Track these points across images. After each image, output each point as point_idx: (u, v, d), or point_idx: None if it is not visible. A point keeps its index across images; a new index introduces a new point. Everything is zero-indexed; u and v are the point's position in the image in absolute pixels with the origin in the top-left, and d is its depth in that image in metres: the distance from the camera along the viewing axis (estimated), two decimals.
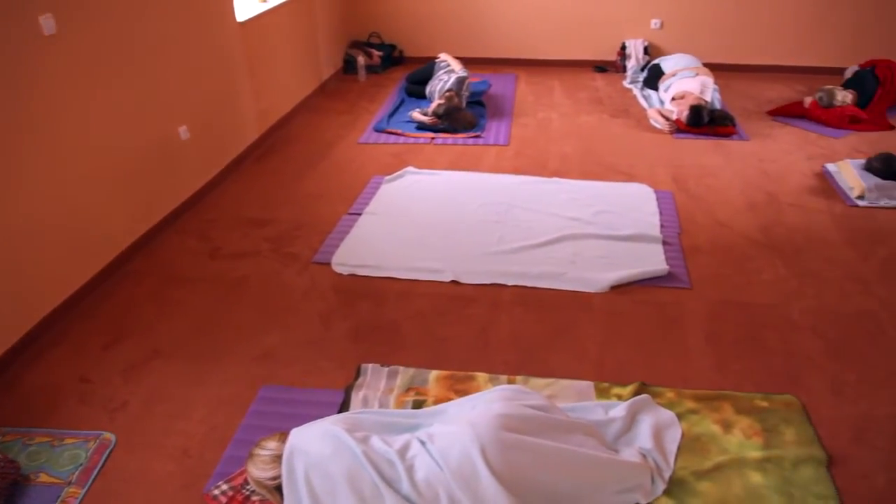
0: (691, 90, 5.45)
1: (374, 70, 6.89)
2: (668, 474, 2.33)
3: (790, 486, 2.31)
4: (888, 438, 2.51)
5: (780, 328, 3.08)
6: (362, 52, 6.84)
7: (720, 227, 3.92)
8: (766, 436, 2.51)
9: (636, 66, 6.62)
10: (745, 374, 2.81)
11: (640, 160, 4.77)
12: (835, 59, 6.57)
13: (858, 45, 6.47)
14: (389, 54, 7.07)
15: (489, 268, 3.49)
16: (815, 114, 5.49)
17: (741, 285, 3.38)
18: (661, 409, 2.60)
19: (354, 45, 7.07)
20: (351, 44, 7.09)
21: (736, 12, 6.57)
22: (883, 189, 4.22)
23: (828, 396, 2.70)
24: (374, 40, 7.16)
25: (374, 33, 7.14)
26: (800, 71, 6.74)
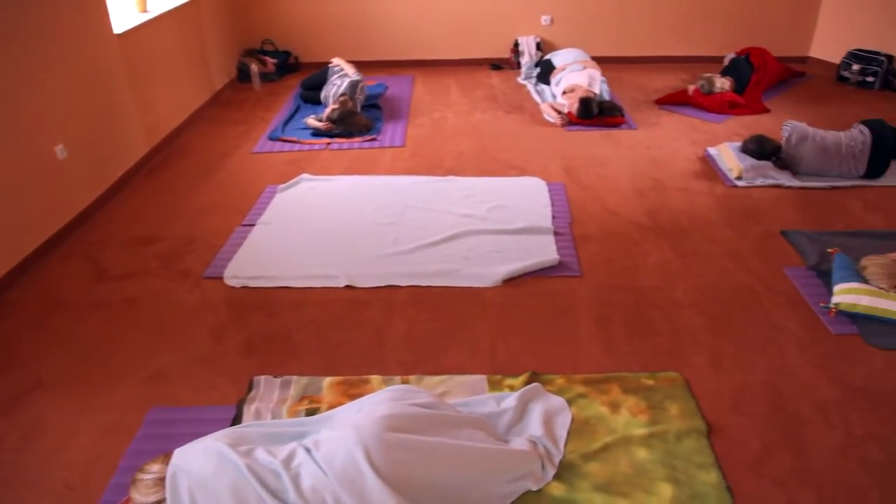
0: (580, 83, 5.59)
1: (270, 78, 6.79)
2: (559, 459, 2.38)
3: (674, 458, 2.40)
4: (762, 404, 2.64)
5: (665, 308, 3.19)
6: (256, 60, 6.73)
7: (610, 214, 4.03)
8: (652, 413, 2.60)
9: (530, 63, 6.74)
10: (633, 355, 2.90)
11: (533, 154, 4.87)
12: (714, 48, 6.88)
13: (734, 35, 6.80)
14: (284, 61, 6.97)
15: (384, 270, 3.48)
16: (697, 101, 5.73)
17: (629, 269, 3.49)
18: (551, 396, 2.66)
19: (248, 53, 6.94)
20: (244, 52, 6.96)
21: (621, 7, 6.79)
22: (758, 169, 4.44)
23: (708, 370, 2.82)
24: (267, 47, 7.05)
25: (267, 40, 7.03)
26: (684, 60, 7.02)
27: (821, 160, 4.43)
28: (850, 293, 3.13)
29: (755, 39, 6.72)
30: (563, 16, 6.86)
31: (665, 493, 2.27)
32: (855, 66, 6.39)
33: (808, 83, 6.58)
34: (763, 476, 2.34)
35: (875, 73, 6.29)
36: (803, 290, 3.32)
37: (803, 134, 4.45)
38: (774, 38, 6.88)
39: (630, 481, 2.31)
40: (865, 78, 6.36)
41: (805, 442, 2.48)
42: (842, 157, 4.42)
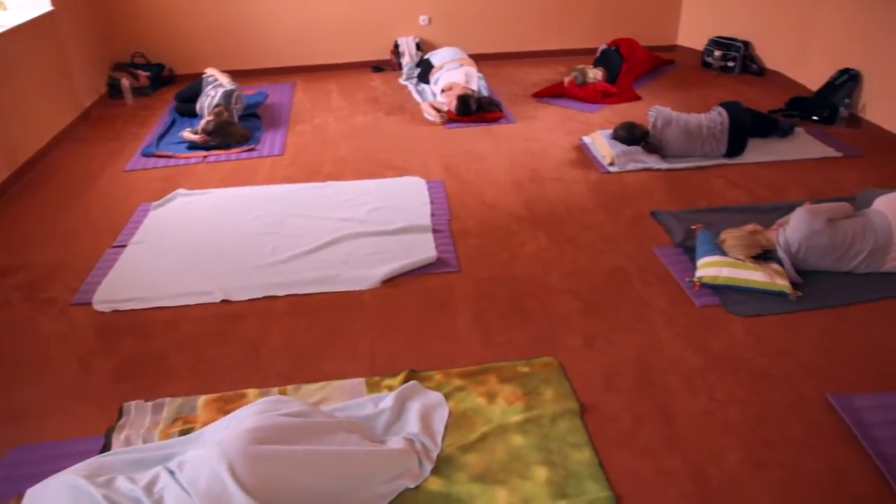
0: (458, 81, 5.66)
1: (144, 92, 6.54)
2: (436, 454, 2.39)
3: (548, 440, 2.45)
4: (633, 379, 2.74)
5: (541, 296, 3.26)
6: (127, 74, 6.47)
7: (488, 208, 4.09)
8: (527, 399, 2.64)
9: (411, 63, 6.76)
10: (510, 344, 2.95)
11: (413, 154, 4.88)
12: (588, 41, 7.09)
13: (606, 27, 7.05)
14: (158, 74, 6.73)
15: (261, 281, 3.41)
16: (572, 92, 5.90)
17: (506, 261, 3.55)
18: (429, 392, 2.66)
19: (118, 67, 6.66)
20: (114, 66, 6.68)
21: (497, 4, 6.91)
22: (629, 154, 4.60)
23: (583, 351, 2.90)
24: (138, 60, 6.79)
25: (137, 53, 6.77)
26: (560, 54, 7.21)
27: (685, 142, 4.63)
28: (711, 266, 3.29)
29: (626, 31, 6.97)
30: (440, 15, 6.91)
31: (540, 476, 2.31)
32: (717, 53, 6.73)
33: (676, 70, 6.88)
34: (633, 448, 2.43)
35: (734, 59, 6.64)
36: (671, 267, 3.46)
37: (668, 118, 4.65)
38: (644, 28, 7.16)
39: (506, 468, 2.34)
40: (727, 63, 6.70)
41: (672, 411, 2.58)
42: (704, 138, 4.64)
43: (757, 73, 6.61)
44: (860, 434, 2.47)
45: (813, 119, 5.43)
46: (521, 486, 2.28)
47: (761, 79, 6.51)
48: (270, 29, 6.80)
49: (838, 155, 4.82)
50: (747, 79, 6.52)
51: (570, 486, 2.28)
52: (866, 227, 3.34)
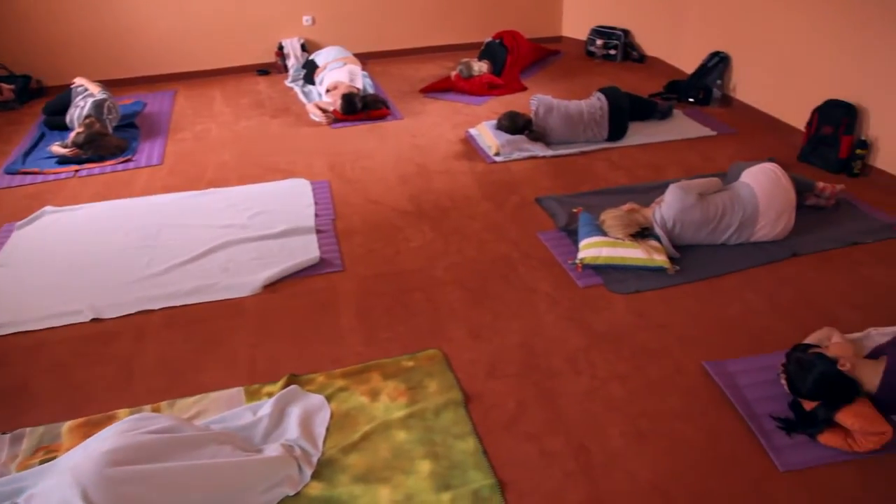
0: (342, 80, 5.57)
1: (10, 106, 6.15)
2: (317, 458, 2.31)
3: (432, 433, 2.41)
4: (517, 365, 2.73)
5: (426, 289, 3.23)
6: None
7: (373, 205, 4.03)
8: (411, 393, 2.60)
9: (297, 65, 6.62)
10: (394, 340, 2.90)
11: (299, 155, 4.77)
12: (475, 35, 7.12)
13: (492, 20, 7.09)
14: (25, 86, 6.34)
15: (134, 296, 3.24)
16: (459, 85, 5.91)
17: (391, 257, 3.50)
18: (310, 395, 2.58)
19: None
20: None
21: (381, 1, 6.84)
22: (513, 143, 4.64)
23: (467, 341, 2.87)
24: None
25: None
26: (447, 49, 7.21)
27: (568, 128, 4.70)
28: (592, 247, 3.33)
29: (511, 24, 7.04)
30: (324, 15, 6.80)
31: (424, 470, 2.27)
32: (599, 42, 6.89)
33: (561, 60, 7.00)
34: (517, 433, 2.42)
35: (616, 47, 6.81)
36: (555, 251, 3.49)
37: (549, 105, 4.70)
38: (529, 21, 7.25)
39: (390, 465, 2.29)
40: (609, 51, 6.87)
41: (555, 393, 2.59)
42: (585, 123, 4.72)
43: (638, 59, 6.79)
44: (733, 398, 2.55)
45: (689, 101, 5.63)
46: (404, 483, 2.23)
47: (642, 65, 6.70)
48: (147, 35, 6.51)
49: (713, 133, 5.00)
50: (629, 66, 6.69)
51: (454, 477, 2.25)
52: (735, 199, 3.46)
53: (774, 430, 2.41)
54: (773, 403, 2.52)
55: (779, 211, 3.44)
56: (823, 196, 3.87)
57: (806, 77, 4.69)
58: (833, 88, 4.45)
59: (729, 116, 5.34)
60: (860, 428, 2.28)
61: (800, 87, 4.74)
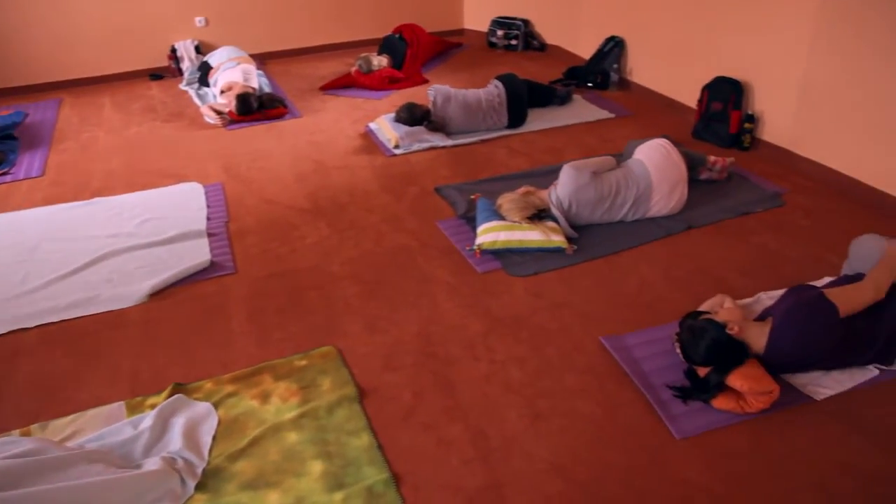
0: (236, 80, 5.39)
1: None
2: (202, 468, 2.18)
3: (325, 432, 2.31)
4: (414, 355, 2.66)
5: (322, 286, 3.12)
6: None
7: (268, 204, 3.89)
8: (304, 393, 2.49)
9: (192, 68, 6.38)
10: (288, 340, 2.78)
11: (192, 160, 4.57)
12: (376, 31, 7.02)
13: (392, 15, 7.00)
14: None
15: (7, 314, 3.02)
16: (359, 81, 5.80)
17: (286, 255, 3.37)
18: (196, 404, 2.45)
19: None
20: None
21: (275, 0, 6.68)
22: (413, 135, 4.57)
23: (363, 335, 2.78)
24: None
25: None
26: (348, 46, 7.09)
27: (467, 117, 4.67)
28: (489, 232, 3.29)
29: (412, 18, 6.98)
30: (217, 15, 6.58)
31: (315, 471, 2.17)
32: (499, 32, 6.90)
33: (463, 52, 6.98)
34: (414, 424, 2.34)
35: (517, 37, 6.84)
36: (453, 239, 3.43)
37: (447, 95, 4.66)
38: (429, 14, 7.21)
39: (280, 469, 2.18)
40: (510, 42, 6.89)
41: (453, 380, 2.53)
42: (484, 111, 4.69)
43: (539, 48, 6.84)
44: (630, 370, 2.54)
45: (588, 86, 5.69)
46: (295, 486, 2.12)
47: (543, 54, 6.75)
48: (27, 41, 6.14)
49: (611, 116, 5.06)
50: (530, 55, 6.73)
51: (348, 475, 2.16)
52: (628, 176, 3.48)
53: (671, 400, 2.42)
54: (670, 373, 2.53)
55: (671, 184, 3.48)
56: (715, 169, 3.94)
57: (696, 57, 4.79)
58: (721, 66, 4.56)
59: (626, 99, 5.42)
60: (749, 389, 2.30)
61: (691, 67, 4.84)
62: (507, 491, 2.09)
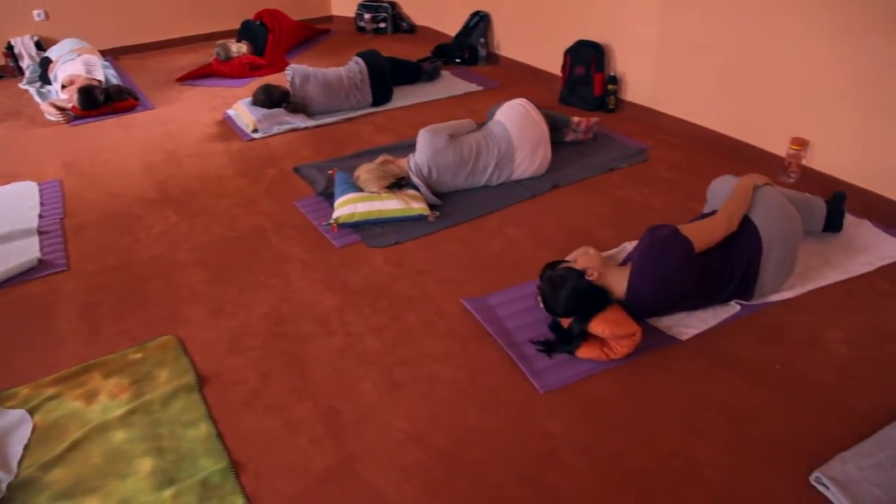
0: (78, 73, 4.98)
1: None
2: (7, 483, 1.89)
3: (159, 426, 2.07)
4: (262, 336, 2.46)
5: (165, 275, 2.86)
6: None
7: (112, 197, 3.57)
8: (136, 387, 2.24)
9: (33, 65, 5.87)
10: (123, 334, 2.51)
11: (27, 158, 4.17)
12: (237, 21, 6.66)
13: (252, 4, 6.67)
14: None
15: None
16: (219, 70, 5.50)
17: (127, 247, 3.08)
18: (8, 412, 2.15)
19: None
20: None
21: None
22: (272, 118, 4.32)
23: (207, 321, 2.55)
24: None
25: None
26: (210, 37, 6.73)
27: (328, 96, 4.46)
28: (346, 204, 3.11)
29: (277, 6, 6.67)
30: (58, 8, 6.08)
31: (144, 469, 1.93)
32: (367, 16, 6.73)
33: (332, 38, 6.77)
34: (259, 407, 2.14)
35: (385, 20, 6.68)
36: (311, 216, 3.24)
37: (305, 74, 4.44)
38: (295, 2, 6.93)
39: (102, 472, 1.93)
40: (379, 25, 6.73)
41: (304, 358, 2.34)
42: (346, 89, 4.50)
43: (408, 30, 6.71)
44: (493, 330, 2.42)
45: (456, 62, 5.59)
46: (118, 488, 1.88)
47: (413, 35, 6.63)
48: None
49: (479, 89, 4.98)
50: (400, 37, 6.60)
51: (181, 469, 1.93)
52: (489, 137, 3.38)
53: (535, 355, 2.31)
54: (535, 328, 2.42)
55: (533, 143, 3.39)
56: (580, 130, 3.90)
57: (558, 24, 4.76)
58: (582, 31, 4.54)
59: (495, 72, 5.36)
60: (611, 333, 2.21)
61: (554, 35, 4.80)
62: (360, 466, 1.92)
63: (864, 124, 3.12)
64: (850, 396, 2.12)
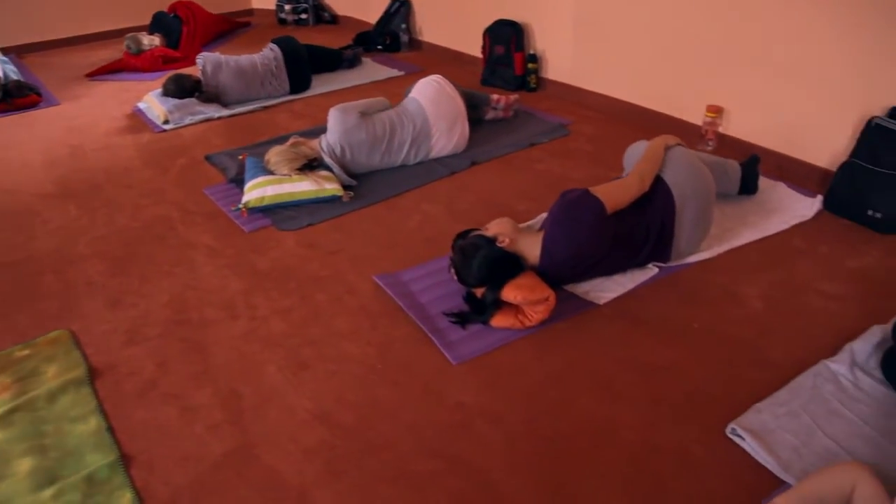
0: None
1: None
2: None
3: (43, 423, 1.93)
4: (162, 325, 2.32)
5: (60, 269, 2.69)
6: None
7: (6, 194, 3.37)
8: (20, 385, 2.08)
9: None
10: (8, 332, 2.34)
11: None
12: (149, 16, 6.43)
13: None
14: None
15: None
16: (131, 63, 5.29)
17: (21, 244, 2.91)
18: None
19: None
20: None
21: None
22: (184, 108, 4.16)
23: (104, 313, 2.40)
24: None
25: None
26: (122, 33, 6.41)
27: (243, 84, 4.32)
28: (256, 188, 2.98)
29: None
30: None
31: (23, 470, 1.78)
32: (287, 7, 6.57)
33: (253, 30, 6.61)
34: (154, 397, 2.01)
35: (306, 10, 6.53)
36: (220, 203, 3.10)
37: (217, 62, 4.28)
38: None
39: None
40: (300, 16, 6.58)
41: (205, 344, 2.21)
42: (262, 76, 4.36)
43: (330, 21, 6.59)
44: (405, 305, 2.33)
45: (378, 48, 5.49)
46: None
47: (336, 26, 6.50)
48: None
49: (401, 74, 4.89)
50: (322, 28, 6.48)
51: (65, 466, 1.79)
52: (403, 114, 3.29)
53: (449, 327, 2.23)
54: (449, 301, 2.34)
55: (450, 120, 3.32)
56: (500, 107, 3.85)
57: (476, 5, 4.71)
58: (499, 10, 4.49)
59: (417, 58, 5.28)
60: (524, 299, 2.14)
61: (473, 17, 4.74)
62: (260, 450, 1.80)
63: (776, 90, 3.14)
64: (766, 349, 2.10)
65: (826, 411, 1.87)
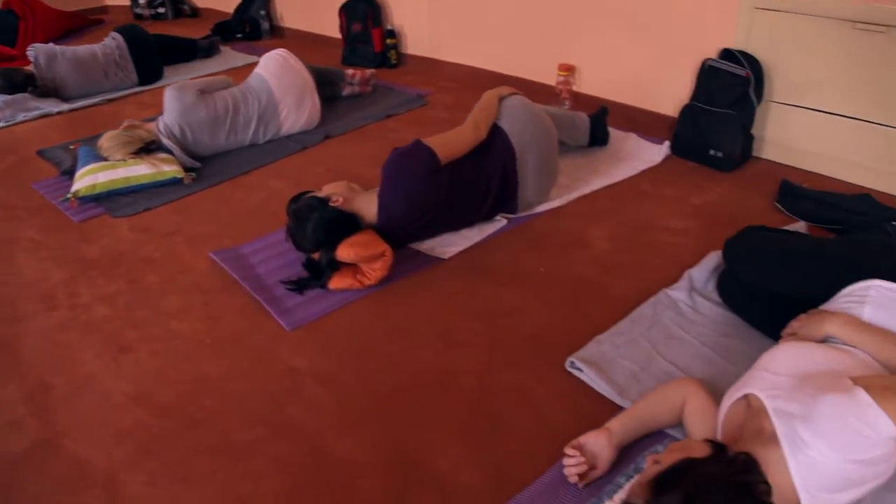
0: None
1: None
2: None
3: None
4: None
5: None
6: None
7: None
8: None
9: None
10: None
11: None
12: None
13: None
14: None
15: None
16: None
17: None
18: None
19: None
20: None
21: None
22: (16, 104, 3.85)
23: None
24: None
25: None
26: None
27: (83, 76, 4.04)
28: (86, 175, 2.78)
29: None
30: None
31: None
32: (142, 2, 6.25)
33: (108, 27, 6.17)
34: None
35: (164, 4, 6.23)
36: (49, 196, 2.87)
37: (51, 53, 3.99)
38: None
39: None
40: (157, 10, 6.27)
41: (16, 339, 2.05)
42: (105, 67, 4.10)
43: (191, 14, 6.31)
44: (241, 277, 2.21)
45: (238, 37, 5.28)
46: None
47: (197, 19, 6.23)
48: None
49: None
50: (183, 22, 6.19)
51: None
52: (246, 91, 3.15)
53: (286, 295, 2.12)
54: (289, 270, 2.24)
55: (297, 95, 3.19)
56: (356, 82, 3.75)
57: None
58: None
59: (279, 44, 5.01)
60: (358, 256, 2.05)
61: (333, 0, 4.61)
62: (67, 440, 1.64)
63: (623, 44, 3.19)
64: (611, 286, 2.09)
65: (665, 336, 1.86)
